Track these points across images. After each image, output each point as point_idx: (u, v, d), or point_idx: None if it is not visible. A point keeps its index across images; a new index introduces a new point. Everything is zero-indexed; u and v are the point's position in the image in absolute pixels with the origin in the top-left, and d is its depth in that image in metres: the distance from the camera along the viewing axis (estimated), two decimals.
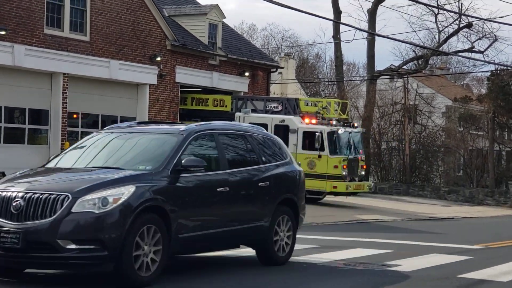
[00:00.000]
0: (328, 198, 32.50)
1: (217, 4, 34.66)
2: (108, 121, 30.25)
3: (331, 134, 29.75)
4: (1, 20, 25.06)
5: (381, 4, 46.83)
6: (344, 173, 29.84)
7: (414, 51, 50.22)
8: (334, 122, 30.21)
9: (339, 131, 29.84)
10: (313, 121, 30.27)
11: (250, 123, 31.00)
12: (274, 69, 39.07)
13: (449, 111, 55.41)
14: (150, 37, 30.70)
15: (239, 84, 35.60)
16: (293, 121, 30.53)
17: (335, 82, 51.20)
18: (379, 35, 44.06)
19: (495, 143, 47.19)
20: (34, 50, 26.15)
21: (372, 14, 46.21)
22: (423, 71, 51.73)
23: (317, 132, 29.58)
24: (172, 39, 31.53)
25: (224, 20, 35.66)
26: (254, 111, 31.79)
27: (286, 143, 30.19)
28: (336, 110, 31.92)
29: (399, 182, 44.94)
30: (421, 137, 47.95)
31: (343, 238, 18.60)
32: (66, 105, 27.41)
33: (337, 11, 45.76)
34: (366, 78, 50.25)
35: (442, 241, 19.01)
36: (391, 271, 12.93)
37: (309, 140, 29.96)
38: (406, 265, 13.68)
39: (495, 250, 17.76)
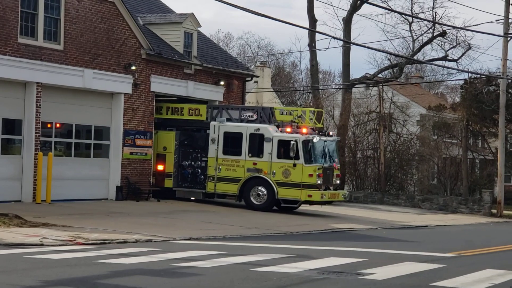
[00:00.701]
0: (303, 207, 32.58)
1: (192, 13, 34.66)
2: (83, 130, 30.14)
3: (306, 142, 29.84)
4: None
5: (356, 12, 47.07)
6: (319, 181, 29.90)
7: (389, 59, 50.55)
8: (309, 131, 30.29)
9: (314, 140, 29.91)
10: (304, 129, 30.32)
11: (225, 132, 31.41)
12: (250, 78, 39.12)
13: (424, 119, 55.80)
14: (125, 45, 30.64)
15: (215, 93, 35.61)
16: (268, 129, 30.59)
17: (311, 91, 51.32)
18: (354, 44, 44.31)
19: (468, 151, 47.58)
20: (8, 59, 26.00)
21: (347, 22, 46.44)
22: (398, 80, 52.09)
23: (292, 140, 29.66)
24: (147, 48, 31.49)
25: (199, 28, 35.67)
26: (229, 120, 31.84)
27: (261, 152, 30.37)
28: (311, 119, 32.05)
29: (374, 190, 45.13)
30: (395, 145, 48.24)
31: (317, 247, 18.64)
32: (39, 115, 27.25)
33: (313, 20, 45.93)
34: (341, 86, 50.44)
35: (416, 249, 19.12)
36: (364, 280, 12.98)
37: (284, 148, 30.01)
38: (380, 273, 13.75)
39: (468, 258, 17.89)
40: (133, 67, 30.82)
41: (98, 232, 19.66)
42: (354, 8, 46.62)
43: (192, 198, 32.47)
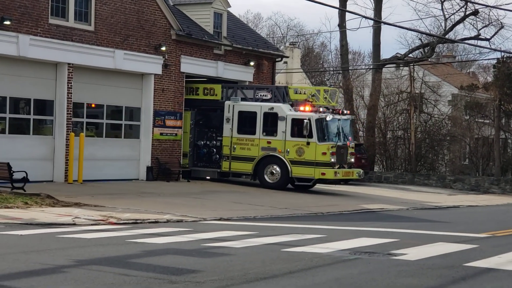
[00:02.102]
0: (332, 188, 32.54)
1: None
2: (114, 111, 30.26)
3: (319, 121, 29.98)
4: (6, 10, 25.03)
5: None
6: (332, 160, 30.03)
7: (420, 39, 50.13)
8: (323, 109, 30.40)
9: (327, 118, 30.06)
10: (307, 108, 30.49)
11: (239, 111, 31.46)
12: (279, 59, 38.98)
13: (455, 99, 55.28)
14: (155, 26, 30.65)
15: (244, 73, 35.55)
16: (281, 108, 30.75)
17: (341, 71, 51.04)
18: (385, 23, 43.98)
19: (501, 131, 47.07)
20: (39, 40, 26.13)
21: (378, 1, 46.04)
22: (429, 59, 51.58)
23: (305, 119, 29.80)
24: (177, 28, 31.47)
25: (229, 9, 35.58)
26: (244, 99, 32.08)
27: (275, 131, 30.36)
28: (326, 97, 32.08)
29: (405, 171, 44.86)
30: (426, 126, 47.85)
31: (348, 228, 18.58)
32: (71, 96, 27.40)
33: None
34: (371, 66, 50.13)
35: (448, 229, 18.98)
36: (396, 260, 12.91)
37: (298, 127, 30.23)
38: (412, 254, 13.66)
39: (502, 238, 17.72)
40: (163, 48, 30.83)
41: (130, 212, 19.76)
42: None
43: (208, 178, 32.57)
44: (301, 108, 30.50)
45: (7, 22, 24.95)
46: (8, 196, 20.91)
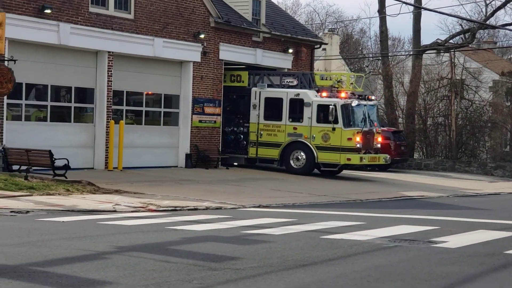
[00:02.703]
0: (368, 174, 32.42)
1: None
2: (153, 99, 30.42)
3: (344, 106, 30.08)
4: None
5: None
6: (358, 145, 30.15)
7: (460, 24, 49.63)
8: (348, 95, 30.52)
9: (353, 104, 30.19)
10: (332, 93, 30.67)
11: (266, 97, 31.64)
12: (318, 46, 38.83)
13: (496, 85, 54.61)
14: (194, 14, 30.71)
15: (283, 61, 35.51)
16: (307, 94, 30.92)
17: (380, 58, 50.68)
18: (425, 9, 43.52)
19: None
20: (79, 29, 26.33)
21: None
22: (470, 45, 51.01)
23: (331, 105, 29.92)
24: (215, 16, 31.50)
25: None
26: (270, 85, 32.30)
27: (301, 117, 30.41)
28: (352, 83, 32.13)
29: (445, 158, 44.49)
30: (467, 112, 47.35)
31: (388, 215, 18.50)
32: (111, 83, 27.60)
33: None
34: (411, 53, 49.73)
35: (489, 217, 18.81)
36: (437, 248, 12.84)
37: (323, 113, 30.38)
38: (452, 241, 13.58)
39: None
40: (202, 36, 30.89)
41: (169, 199, 19.89)
42: None
43: (235, 164, 32.68)
44: (327, 94, 30.68)
45: (48, 11, 25.17)
46: (50, 183, 21.17)
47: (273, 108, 31.74)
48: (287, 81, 32.23)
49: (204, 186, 24.34)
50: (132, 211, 17.44)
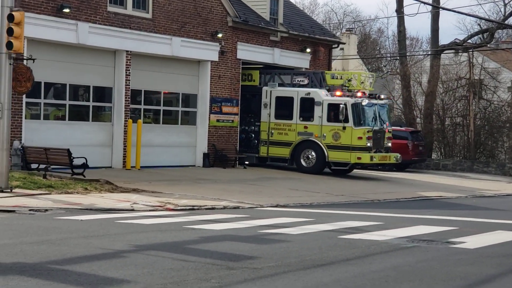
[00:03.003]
0: (386, 175, 32.29)
1: None
2: (170, 98, 30.48)
3: (355, 105, 30.21)
4: None
5: None
6: (368, 144, 30.26)
7: (479, 24, 49.40)
8: (359, 94, 30.62)
9: (363, 103, 30.29)
10: (343, 93, 30.83)
11: (276, 96, 31.81)
12: (336, 45, 38.78)
13: None
14: (212, 13, 30.75)
15: (301, 60, 35.48)
16: (318, 93, 31.08)
17: (398, 57, 50.53)
18: (444, 8, 43.46)
19: None
20: (98, 28, 26.43)
21: None
22: (488, 45, 50.73)
23: (341, 104, 30.08)
24: (233, 15, 31.53)
25: None
26: (281, 84, 32.47)
27: (312, 116, 30.66)
28: (362, 82, 32.19)
29: (463, 158, 44.28)
30: (486, 112, 47.09)
31: (405, 215, 18.45)
32: (129, 83, 27.67)
33: None
34: (430, 52, 49.55)
35: (507, 218, 18.71)
36: (455, 248, 12.79)
37: (334, 112, 30.53)
38: (471, 242, 13.52)
39: None
40: (220, 35, 30.92)
41: (187, 198, 19.92)
42: None
43: (246, 162, 32.70)
44: (337, 93, 30.82)
45: (67, 10, 25.28)
46: (69, 181, 21.27)
47: (284, 107, 31.90)
48: (298, 80, 32.46)
49: (222, 185, 24.36)
50: (150, 210, 17.49)
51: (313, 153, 31.15)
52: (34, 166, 23.28)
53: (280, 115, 31.92)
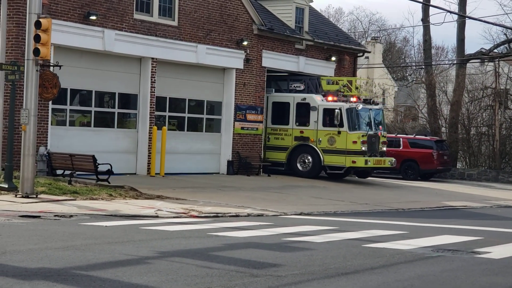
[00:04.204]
0: (412, 183, 32.10)
1: None
2: (195, 105, 30.57)
3: (350, 110, 30.75)
4: (92, 5, 25.54)
5: None
6: (363, 148, 30.73)
7: (505, 34, 49.04)
8: (354, 99, 31.17)
9: (358, 108, 30.78)
10: (338, 98, 31.38)
11: (273, 102, 32.43)
12: (361, 54, 38.70)
13: None
14: (237, 21, 30.82)
15: (326, 68, 35.46)
16: (313, 98, 31.64)
17: (423, 66, 50.34)
18: (470, 18, 43.23)
19: None
20: (124, 35, 26.57)
21: None
22: None
23: (336, 109, 30.65)
24: (259, 23, 31.58)
25: (311, 4, 35.51)
26: (278, 90, 33.05)
27: (308, 121, 31.32)
28: (357, 88, 32.72)
29: (488, 168, 43.98)
30: (511, 122, 46.77)
31: (430, 225, 18.35)
32: (154, 90, 27.79)
33: None
34: (455, 62, 49.32)
35: None
36: (480, 258, 12.70)
37: (329, 117, 31.12)
38: (496, 252, 13.42)
39: None
40: (245, 43, 30.98)
41: (211, 205, 19.95)
42: None
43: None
44: (333, 98, 31.32)
45: (93, 17, 25.45)
46: (93, 188, 21.38)
47: (280, 112, 32.53)
48: (294, 86, 33.03)
49: (246, 193, 24.37)
50: (174, 217, 17.53)
51: (309, 158, 31.68)
52: (59, 172, 23.43)
53: (277, 120, 32.61)
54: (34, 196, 19.02)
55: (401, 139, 39.67)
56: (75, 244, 12.28)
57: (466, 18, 44.15)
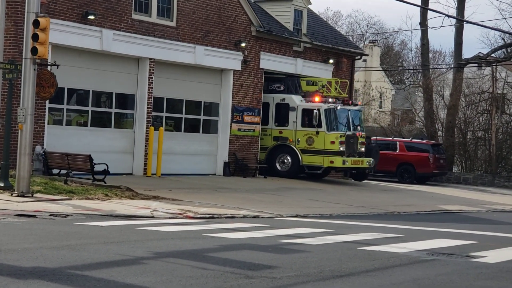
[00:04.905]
0: (408, 187, 32.12)
1: None
2: (192, 106, 30.56)
3: (328, 111, 31.12)
4: (91, 5, 25.53)
5: None
6: (341, 148, 31.06)
7: (503, 38, 49.15)
8: (332, 100, 31.54)
9: (336, 108, 31.19)
10: (316, 98, 31.53)
11: None
12: (359, 57, 38.75)
13: None
14: (236, 22, 30.83)
15: (323, 71, 35.48)
16: (292, 99, 32.04)
17: (421, 70, 50.40)
18: (468, 22, 43.17)
19: None
20: (122, 35, 26.57)
21: (461, 0, 45.34)
22: None
23: (315, 109, 30.99)
24: (257, 25, 31.59)
25: (309, 6, 35.54)
26: None
27: (287, 121, 31.67)
28: (336, 88, 32.82)
29: (484, 172, 44.05)
30: (508, 127, 46.87)
31: (426, 228, 18.36)
32: (152, 90, 27.78)
33: None
34: (453, 66, 49.39)
35: None
36: (475, 262, 12.71)
37: (308, 117, 31.45)
38: (491, 256, 13.43)
39: None
40: (243, 44, 30.99)
41: (207, 206, 19.95)
42: None
43: None
44: (311, 98, 31.65)
45: (92, 17, 25.44)
46: (89, 187, 21.36)
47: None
48: (274, 87, 33.22)
49: (242, 194, 24.37)
50: (170, 218, 17.53)
51: (288, 157, 32.01)
52: (55, 171, 23.41)
53: None
54: (30, 195, 19.00)
55: (397, 142, 39.71)
56: (70, 244, 12.27)
57: (464, 23, 44.21)
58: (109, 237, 13.40)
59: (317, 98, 31.55)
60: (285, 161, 32.07)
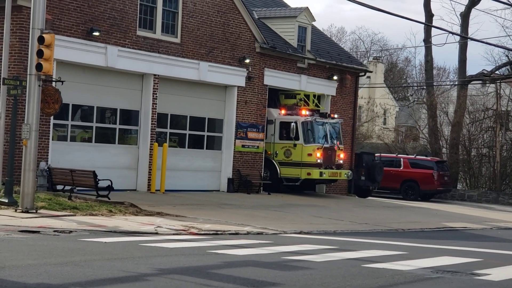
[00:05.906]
0: (412, 204, 32.05)
1: (307, 7, 34.66)
2: (196, 122, 30.59)
3: (305, 124, 31.59)
4: (96, 21, 25.63)
5: (475, 7, 46.07)
6: (318, 161, 31.42)
7: (507, 56, 49.19)
8: (309, 113, 31.99)
9: (314, 121, 31.66)
10: (294, 112, 32.20)
11: None
12: (363, 73, 38.79)
13: None
14: (240, 39, 30.90)
15: (327, 87, 35.51)
16: (271, 112, 32.50)
17: (425, 87, 50.44)
18: (472, 39, 43.28)
19: None
20: (127, 52, 26.64)
21: (465, 17, 45.47)
22: None
23: (292, 122, 31.46)
24: (261, 41, 31.67)
25: (313, 23, 35.62)
26: None
27: (266, 134, 32.13)
28: (314, 101, 33.14)
29: (489, 189, 43.98)
30: None
31: (430, 246, 18.32)
32: (156, 106, 27.82)
33: (429, 14, 45.20)
34: (457, 83, 49.43)
35: None
36: (479, 280, 12.67)
37: (286, 130, 31.95)
38: (496, 274, 13.39)
39: None
40: (247, 60, 31.06)
41: (211, 223, 19.92)
42: (473, 3, 45.64)
43: None
44: (289, 112, 32.15)
45: (96, 33, 25.53)
46: (93, 203, 21.36)
47: None
48: None
49: (246, 210, 24.34)
50: (173, 234, 17.50)
51: (267, 170, 32.31)
52: (59, 187, 23.43)
53: None
54: (34, 211, 19.00)
55: (401, 159, 39.70)
56: (74, 260, 12.26)
57: (468, 40, 44.31)
58: (113, 254, 13.39)
59: (295, 111, 32.01)
60: (264, 174, 32.37)
